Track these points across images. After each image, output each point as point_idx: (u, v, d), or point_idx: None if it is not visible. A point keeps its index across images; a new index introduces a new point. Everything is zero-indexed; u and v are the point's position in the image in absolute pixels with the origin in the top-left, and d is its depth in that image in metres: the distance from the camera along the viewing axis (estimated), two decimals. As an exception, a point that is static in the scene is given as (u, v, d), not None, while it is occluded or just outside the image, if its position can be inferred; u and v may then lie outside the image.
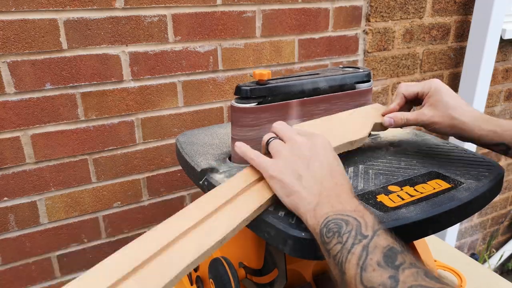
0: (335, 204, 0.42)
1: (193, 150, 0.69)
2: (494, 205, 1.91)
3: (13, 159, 0.89)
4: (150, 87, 0.98)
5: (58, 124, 0.91)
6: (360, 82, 0.69)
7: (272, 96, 0.61)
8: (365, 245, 0.37)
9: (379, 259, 0.36)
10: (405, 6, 1.27)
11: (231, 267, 0.58)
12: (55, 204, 0.96)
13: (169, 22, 0.95)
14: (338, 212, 0.41)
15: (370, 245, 0.37)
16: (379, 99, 1.34)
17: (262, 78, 0.60)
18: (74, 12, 0.85)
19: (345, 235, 0.39)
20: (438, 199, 0.51)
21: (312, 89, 0.65)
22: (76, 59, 0.88)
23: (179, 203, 1.12)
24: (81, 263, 1.04)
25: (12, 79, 0.84)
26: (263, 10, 1.04)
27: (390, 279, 0.34)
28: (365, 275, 0.35)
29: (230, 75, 1.06)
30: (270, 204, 0.50)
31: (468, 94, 1.45)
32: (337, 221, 0.40)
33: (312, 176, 0.46)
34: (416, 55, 1.36)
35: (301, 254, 0.46)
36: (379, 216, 0.48)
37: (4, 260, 0.95)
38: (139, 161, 1.02)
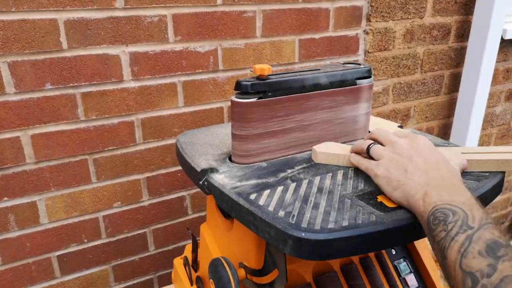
0: (444, 194, 0.44)
1: (193, 150, 0.69)
2: (495, 205, 1.91)
3: (13, 159, 0.89)
4: (150, 87, 0.98)
5: (58, 124, 0.91)
6: (361, 78, 0.69)
7: (273, 91, 0.61)
8: (470, 235, 0.38)
9: (481, 249, 0.37)
10: (406, 6, 1.27)
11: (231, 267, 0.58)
12: (55, 204, 0.96)
13: (169, 22, 0.95)
14: (446, 202, 0.43)
15: (474, 235, 0.38)
16: (379, 99, 1.34)
17: (262, 73, 0.59)
18: (74, 12, 0.85)
19: (450, 224, 0.40)
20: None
21: (313, 84, 0.64)
22: (76, 59, 0.88)
23: (179, 203, 1.12)
24: (81, 263, 1.04)
25: (12, 79, 0.84)
26: (263, 10, 1.04)
27: (489, 267, 0.35)
28: (464, 260, 0.37)
29: (230, 75, 1.06)
30: None
31: (468, 94, 1.45)
32: (444, 210, 0.42)
33: (416, 169, 0.49)
34: (417, 55, 1.36)
35: (301, 254, 0.46)
36: (379, 216, 0.48)
37: (4, 260, 0.95)
38: (139, 161, 1.02)
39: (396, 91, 1.37)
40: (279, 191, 0.54)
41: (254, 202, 0.51)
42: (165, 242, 1.14)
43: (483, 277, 0.35)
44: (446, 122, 1.55)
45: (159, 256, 1.14)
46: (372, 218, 0.47)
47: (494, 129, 1.71)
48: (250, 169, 0.61)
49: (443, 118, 1.53)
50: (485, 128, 1.66)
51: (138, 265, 1.12)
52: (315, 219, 0.47)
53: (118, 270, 1.10)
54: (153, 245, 1.12)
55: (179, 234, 1.15)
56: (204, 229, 0.77)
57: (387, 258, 0.72)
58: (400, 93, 1.38)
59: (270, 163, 0.63)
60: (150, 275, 1.15)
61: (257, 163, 0.63)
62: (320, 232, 0.45)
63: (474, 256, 0.37)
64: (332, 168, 0.61)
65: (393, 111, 1.39)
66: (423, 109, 1.46)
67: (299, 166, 0.62)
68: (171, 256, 1.15)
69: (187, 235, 1.16)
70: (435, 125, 1.52)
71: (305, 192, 0.54)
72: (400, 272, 0.71)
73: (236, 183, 0.56)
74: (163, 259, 1.15)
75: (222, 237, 0.71)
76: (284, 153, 0.66)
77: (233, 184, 0.56)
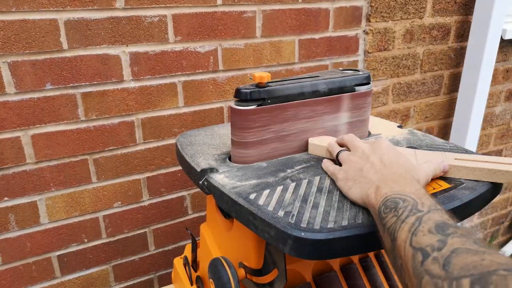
0: (394, 186, 0.46)
1: (193, 150, 0.69)
2: (495, 205, 1.91)
3: (14, 159, 0.89)
4: (150, 87, 0.98)
5: (59, 124, 0.91)
6: (360, 84, 0.69)
7: (272, 99, 0.61)
8: (419, 216, 0.40)
9: (430, 227, 0.38)
10: (406, 6, 1.27)
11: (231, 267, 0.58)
12: (55, 204, 0.96)
13: (170, 22, 0.95)
14: (397, 192, 0.45)
15: (424, 217, 0.40)
16: (379, 99, 1.34)
17: (261, 80, 0.60)
18: (74, 12, 0.85)
19: (400, 209, 0.42)
20: (438, 199, 0.51)
21: (312, 91, 0.65)
22: (77, 59, 0.88)
23: (179, 203, 1.12)
24: (81, 263, 1.04)
25: (13, 79, 0.84)
26: (263, 10, 1.04)
27: (438, 242, 0.36)
28: (414, 238, 0.38)
29: (230, 75, 1.06)
30: None
31: (468, 94, 1.45)
32: (395, 199, 0.44)
33: (371, 167, 0.52)
34: (417, 55, 1.36)
35: (301, 254, 0.46)
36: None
37: (4, 260, 0.95)
38: (139, 161, 1.02)
39: (396, 91, 1.37)
40: (279, 191, 0.54)
41: (254, 202, 0.51)
42: (165, 242, 1.14)
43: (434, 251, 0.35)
44: (446, 122, 1.55)
45: (159, 256, 1.14)
46: (371, 218, 0.47)
47: (493, 129, 1.71)
48: (250, 169, 0.61)
49: (443, 118, 1.53)
50: (484, 128, 1.66)
51: (138, 265, 1.12)
52: (314, 219, 0.47)
53: (118, 270, 1.10)
54: (153, 245, 1.12)
55: (179, 234, 1.15)
56: (204, 229, 0.77)
57: (386, 257, 0.72)
58: (400, 93, 1.38)
59: (270, 163, 0.63)
60: (150, 275, 1.15)
61: (256, 163, 0.63)
62: (320, 232, 0.45)
63: (424, 234, 0.38)
64: (332, 168, 0.61)
65: (392, 111, 1.39)
66: (423, 109, 1.46)
67: (298, 166, 0.62)
68: (171, 256, 1.15)
69: (187, 235, 1.16)
70: (435, 125, 1.52)
71: (304, 192, 0.54)
72: (399, 271, 0.71)
73: (236, 183, 0.57)
74: (163, 259, 1.15)
75: (222, 237, 0.71)
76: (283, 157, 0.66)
77: (233, 184, 0.56)
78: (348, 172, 0.54)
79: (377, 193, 0.47)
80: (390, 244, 0.42)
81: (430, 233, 0.37)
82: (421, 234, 0.38)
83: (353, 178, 0.52)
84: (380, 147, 0.55)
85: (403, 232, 0.40)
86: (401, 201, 0.43)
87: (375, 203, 0.46)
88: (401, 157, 0.54)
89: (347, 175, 0.53)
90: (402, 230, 0.40)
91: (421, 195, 0.44)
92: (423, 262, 0.35)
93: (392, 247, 0.41)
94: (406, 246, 0.38)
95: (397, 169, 0.50)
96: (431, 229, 0.38)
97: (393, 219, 0.42)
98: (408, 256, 0.38)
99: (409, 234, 0.39)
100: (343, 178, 0.54)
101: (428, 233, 0.37)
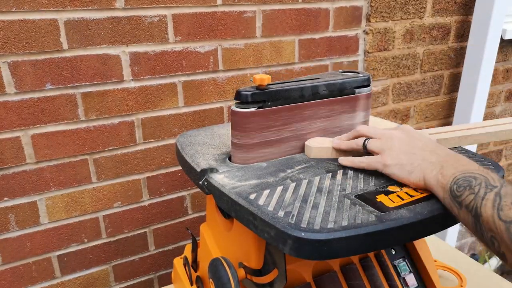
0: (458, 166, 0.48)
1: (193, 150, 0.69)
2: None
3: (14, 159, 0.89)
4: (150, 87, 0.98)
5: (59, 124, 0.91)
6: (360, 87, 0.69)
7: (272, 101, 0.62)
8: (497, 192, 0.43)
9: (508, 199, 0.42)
10: (406, 6, 1.27)
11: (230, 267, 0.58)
12: (55, 204, 0.96)
13: (170, 22, 0.95)
14: (464, 171, 0.47)
15: (501, 191, 0.43)
16: (379, 99, 1.34)
17: (262, 83, 0.60)
18: (74, 12, 0.85)
19: (476, 187, 0.45)
20: (438, 199, 0.51)
21: (312, 93, 0.65)
22: (77, 59, 0.88)
23: (179, 203, 1.12)
24: (81, 263, 1.04)
25: (13, 79, 0.84)
26: (263, 10, 1.04)
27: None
28: (502, 213, 0.41)
29: (230, 75, 1.06)
30: None
31: (468, 94, 1.45)
32: (465, 177, 0.46)
33: (423, 150, 0.53)
34: (417, 55, 1.36)
35: (301, 254, 0.46)
36: (379, 216, 0.48)
37: (4, 260, 0.95)
38: (139, 161, 1.02)
39: (395, 91, 1.37)
40: (279, 191, 0.54)
41: (254, 202, 0.51)
42: (165, 242, 1.14)
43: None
44: (446, 122, 1.55)
45: (159, 256, 1.15)
46: (371, 218, 0.47)
47: (494, 129, 1.71)
48: (250, 169, 0.61)
49: (443, 118, 1.53)
50: (485, 128, 1.66)
51: (138, 265, 1.12)
52: (314, 219, 0.47)
53: (118, 270, 1.10)
54: (153, 245, 1.12)
55: (179, 234, 1.15)
56: (204, 229, 0.77)
57: (386, 257, 0.72)
58: (399, 93, 1.38)
59: (270, 163, 0.63)
60: (150, 275, 1.15)
61: (256, 163, 0.63)
62: (320, 232, 0.45)
63: (510, 208, 0.41)
64: (332, 168, 0.61)
65: (392, 111, 1.39)
66: (422, 109, 1.46)
67: (298, 166, 0.62)
68: (171, 256, 1.15)
69: (187, 235, 1.16)
70: (434, 125, 1.53)
71: (304, 192, 0.54)
72: (399, 271, 0.71)
73: (236, 183, 0.57)
74: (163, 259, 1.15)
75: (222, 237, 0.71)
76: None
77: (233, 184, 0.56)
78: (400, 156, 0.54)
79: (443, 173, 0.48)
80: (471, 220, 0.44)
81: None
82: (506, 208, 0.41)
83: (410, 162, 0.53)
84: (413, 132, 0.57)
85: (487, 209, 0.42)
86: (472, 179, 0.45)
87: (445, 183, 0.48)
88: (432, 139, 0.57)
89: (400, 160, 0.53)
90: (486, 207, 0.43)
91: (486, 171, 0.46)
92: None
93: (475, 222, 0.44)
94: (495, 221, 0.41)
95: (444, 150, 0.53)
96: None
97: (471, 197, 0.44)
98: (502, 229, 0.41)
99: (494, 210, 0.42)
100: (396, 164, 0.54)
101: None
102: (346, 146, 0.62)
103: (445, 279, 0.85)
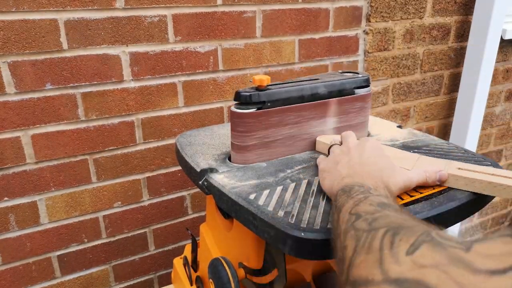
0: (357, 178, 0.48)
1: (193, 150, 0.69)
2: (495, 205, 1.91)
3: (14, 159, 0.89)
4: (150, 87, 0.98)
5: (59, 124, 0.91)
6: (359, 87, 0.69)
7: (272, 102, 0.62)
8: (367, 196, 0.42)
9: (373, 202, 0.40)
10: (406, 6, 1.27)
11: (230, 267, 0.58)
12: (55, 204, 0.96)
13: (170, 22, 0.95)
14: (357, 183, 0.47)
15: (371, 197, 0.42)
16: (379, 99, 1.34)
17: (261, 84, 0.60)
18: (74, 12, 0.85)
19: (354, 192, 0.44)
20: (438, 199, 0.51)
21: (311, 94, 0.65)
22: (77, 59, 0.88)
23: (179, 203, 1.12)
24: (81, 263, 1.04)
25: (13, 79, 0.84)
26: (263, 10, 1.04)
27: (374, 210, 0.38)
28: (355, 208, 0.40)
29: (230, 75, 1.06)
30: None
31: (468, 94, 1.45)
32: (352, 185, 0.46)
33: (346, 162, 0.53)
34: (417, 55, 1.36)
35: (301, 254, 0.46)
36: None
37: (4, 260, 0.95)
38: (139, 161, 1.02)
39: (395, 91, 1.37)
40: (279, 191, 0.54)
41: (254, 202, 0.51)
42: (165, 242, 1.14)
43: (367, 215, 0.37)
44: (446, 122, 1.55)
45: (159, 256, 1.15)
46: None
47: (493, 129, 1.71)
48: (250, 169, 0.61)
49: (443, 118, 1.53)
50: (484, 128, 1.66)
51: (138, 265, 1.12)
52: (314, 219, 0.47)
53: (118, 270, 1.10)
54: (153, 245, 1.12)
55: (179, 234, 1.15)
56: (204, 229, 0.77)
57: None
58: (399, 93, 1.38)
59: (270, 163, 0.63)
60: (150, 275, 1.15)
61: (256, 163, 0.63)
62: (320, 232, 0.45)
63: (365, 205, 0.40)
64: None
65: (392, 111, 1.39)
66: (422, 109, 1.46)
67: (298, 166, 0.62)
68: (171, 256, 1.15)
69: (187, 235, 1.16)
70: (434, 125, 1.52)
71: (304, 192, 0.54)
72: (399, 272, 0.71)
73: (236, 183, 0.57)
74: (163, 259, 1.15)
75: (222, 237, 0.71)
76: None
77: (233, 184, 0.56)
78: (327, 164, 0.56)
79: (340, 183, 0.48)
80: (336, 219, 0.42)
81: (371, 205, 0.39)
82: (362, 205, 0.40)
83: (328, 170, 0.54)
84: (364, 145, 0.55)
85: (348, 206, 0.41)
86: (357, 186, 0.45)
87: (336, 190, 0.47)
88: (383, 158, 0.53)
89: (325, 167, 0.56)
90: (347, 204, 0.42)
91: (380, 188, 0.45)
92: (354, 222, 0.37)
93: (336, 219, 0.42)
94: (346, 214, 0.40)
95: (371, 167, 0.51)
96: (373, 203, 0.40)
97: (343, 198, 0.44)
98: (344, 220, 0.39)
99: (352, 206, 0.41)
100: (321, 169, 0.56)
101: (370, 206, 0.39)
102: (329, 143, 0.65)
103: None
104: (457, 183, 0.54)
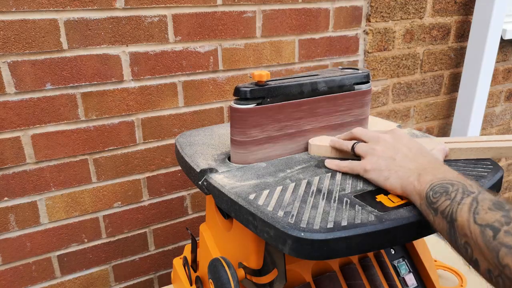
0: (436, 173, 0.47)
1: (193, 150, 0.69)
2: None
3: (14, 159, 0.89)
4: (150, 87, 0.98)
5: (59, 124, 0.91)
6: (359, 83, 0.69)
7: (271, 97, 0.61)
8: (474, 197, 0.42)
9: (489, 206, 0.40)
10: (406, 6, 1.27)
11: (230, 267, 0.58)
12: (55, 204, 0.96)
13: (170, 22, 0.95)
14: (441, 179, 0.46)
15: (478, 197, 0.42)
16: (379, 100, 1.34)
17: (261, 79, 0.60)
18: (74, 12, 0.85)
19: (453, 193, 0.43)
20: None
21: (311, 90, 0.65)
22: (77, 59, 0.88)
23: (179, 203, 1.12)
24: (81, 263, 1.04)
25: (13, 79, 0.84)
26: (263, 10, 1.04)
27: (504, 217, 0.38)
28: (478, 216, 0.40)
29: (230, 75, 1.06)
30: None
31: (468, 94, 1.45)
32: (442, 184, 0.45)
33: (404, 156, 0.52)
34: (417, 55, 1.36)
35: (301, 254, 0.46)
36: (378, 215, 0.48)
37: (4, 260, 0.95)
38: (139, 161, 1.02)
39: (395, 91, 1.37)
40: (278, 191, 0.54)
41: (253, 202, 0.51)
42: (165, 242, 1.14)
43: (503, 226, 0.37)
44: (446, 122, 1.55)
45: (159, 256, 1.15)
46: (371, 218, 0.47)
47: (493, 129, 1.71)
48: (249, 169, 0.61)
49: (443, 118, 1.53)
50: (484, 128, 1.66)
51: (138, 265, 1.12)
52: (314, 219, 0.47)
53: (118, 270, 1.10)
54: (153, 245, 1.12)
55: (179, 234, 1.15)
56: (204, 229, 0.77)
57: (386, 257, 0.72)
58: (399, 93, 1.38)
59: (269, 163, 0.63)
60: (150, 275, 1.15)
61: (256, 163, 0.63)
62: (319, 232, 0.45)
63: (486, 212, 0.40)
64: (331, 168, 0.61)
65: (392, 111, 1.39)
66: (422, 109, 1.46)
67: (298, 166, 0.62)
68: (171, 256, 1.15)
69: (187, 235, 1.16)
70: (434, 125, 1.52)
71: (304, 192, 0.54)
72: (399, 271, 0.71)
73: (235, 183, 0.57)
74: (163, 259, 1.15)
75: (222, 237, 0.71)
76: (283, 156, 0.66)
77: (232, 184, 0.56)
78: (379, 162, 0.53)
79: (420, 180, 0.47)
80: (446, 225, 0.43)
81: (491, 210, 0.39)
82: (483, 212, 0.40)
83: (388, 168, 0.52)
84: (402, 137, 0.56)
85: (463, 213, 0.41)
86: (449, 185, 0.44)
87: (421, 189, 0.47)
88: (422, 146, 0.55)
89: (379, 166, 0.53)
90: (461, 211, 0.41)
91: (465, 179, 0.45)
92: (495, 237, 0.37)
93: (449, 228, 0.43)
94: (470, 225, 0.40)
95: (427, 157, 0.52)
96: (490, 206, 0.40)
97: (447, 202, 0.43)
98: (476, 233, 0.39)
99: (470, 214, 0.40)
100: (374, 169, 0.53)
101: (489, 211, 0.39)
102: (339, 145, 0.63)
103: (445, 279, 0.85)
104: (456, 155, 0.61)
